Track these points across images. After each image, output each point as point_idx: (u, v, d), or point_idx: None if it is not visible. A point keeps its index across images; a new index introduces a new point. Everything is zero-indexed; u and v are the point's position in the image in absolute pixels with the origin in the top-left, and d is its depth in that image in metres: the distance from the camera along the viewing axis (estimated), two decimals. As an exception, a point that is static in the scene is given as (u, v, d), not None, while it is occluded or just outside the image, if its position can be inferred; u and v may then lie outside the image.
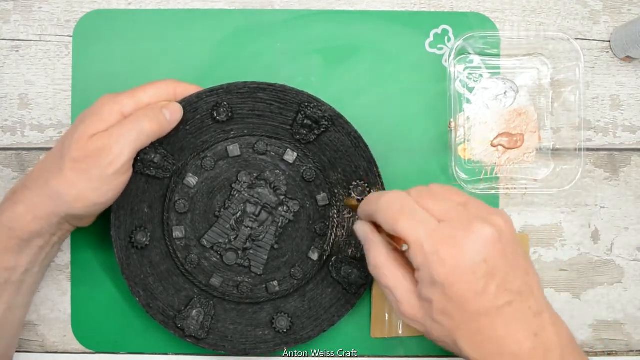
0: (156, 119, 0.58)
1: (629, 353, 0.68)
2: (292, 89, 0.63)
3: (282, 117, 0.64)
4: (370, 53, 0.68)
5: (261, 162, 0.65)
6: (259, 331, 0.64)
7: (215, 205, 0.65)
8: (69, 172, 0.55)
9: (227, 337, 0.64)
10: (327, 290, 0.65)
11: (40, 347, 0.67)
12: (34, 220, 0.56)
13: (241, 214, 0.65)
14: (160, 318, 0.63)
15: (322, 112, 0.63)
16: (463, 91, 0.67)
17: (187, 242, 0.65)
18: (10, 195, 0.58)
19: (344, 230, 0.66)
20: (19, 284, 0.58)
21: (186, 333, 0.63)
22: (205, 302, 0.64)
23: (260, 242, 0.65)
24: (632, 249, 0.69)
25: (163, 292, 0.64)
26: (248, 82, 0.63)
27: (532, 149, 0.67)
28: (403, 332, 0.67)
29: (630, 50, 0.66)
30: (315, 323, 0.64)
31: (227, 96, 0.63)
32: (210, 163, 0.65)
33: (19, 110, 0.67)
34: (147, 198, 0.64)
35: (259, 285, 0.66)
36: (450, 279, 0.48)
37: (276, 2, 0.68)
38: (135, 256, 0.63)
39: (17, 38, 0.67)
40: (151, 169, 0.62)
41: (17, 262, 0.57)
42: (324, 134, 0.64)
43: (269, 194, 0.65)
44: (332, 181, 0.66)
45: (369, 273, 0.61)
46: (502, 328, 0.49)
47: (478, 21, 0.68)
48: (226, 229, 0.65)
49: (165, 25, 0.67)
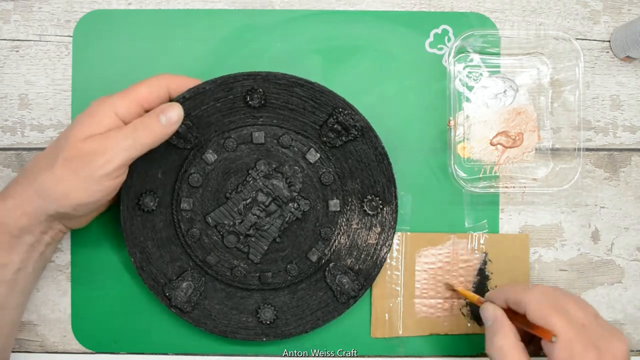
0: (152, 129, 0.57)
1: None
2: (330, 91, 0.63)
3: (314, 116, 0.64)
4: (370, 53, 0.68)
5: (283, 155, 0.65)
6: (242, 317, 0.65)
7: (228, 187, 0.65)
8: (59, 170, 0.55)
9: (211, 316, 0.65)
10: (318, 294, 0.66)
11: (40, 347, 0.67)
12: (23, 215, 0.56)
13: (251, 200, 0.65)
14: (151, 283, 0.64)
15: (355, 120, 0.64)
16: (463, 90, 0.67)
17: (193, 216, 0.65)
18: (2, 191, 0.58)
19: (348, 239, 0.66)
20: (12, 284, 0.58)
21: (172, 303, 0.64)
22: (197, 277, 0.65)
23: (264, 232, 0.65)
24: (632, 249, 0.69)
25: (159, 258, 0.64)
26: (288, 75, 0.63)
27: (532, 148, 0.67)
28: (403, 332, 0.67)
29: (630, 50, 0.66)
30: (298, 322, 0.65)
31: (264, 83, 0.63)
32: (233, 145, 0.65)
33: (19, 110, 0.67)
34: (163, 164, 0.64)
35: (253, 272, 0.66)
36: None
37: (276, 2, 0.68)
38: (139, 218, 0.64)
39: (17, 38, 0.67)
40: (173, 137, 0.62)
41: (9, 259, 0.57)
42: (350, 142, 0.65)
43: (282, 188, 0.65)
44: (348, 189, 0.66)
45: (363, 287, 0.64)
46: None
47: (478, 21, 0.68)
48: (234, 212, 0.65)
49: (165, 25, 0.67)
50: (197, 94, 0.62)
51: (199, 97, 0.62)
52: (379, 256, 0.65)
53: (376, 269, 0.65)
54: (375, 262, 0.65)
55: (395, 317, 0.67)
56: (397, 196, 0.65)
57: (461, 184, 0.65)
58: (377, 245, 0.65)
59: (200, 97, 0.62)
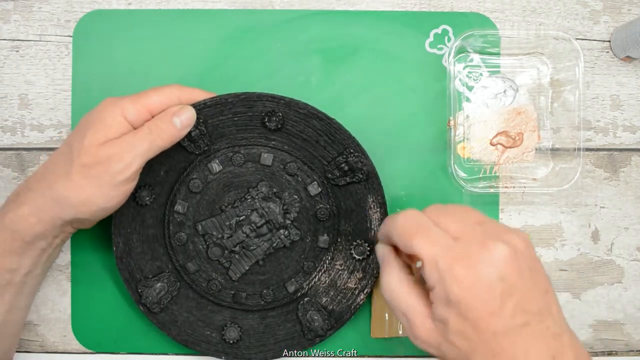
0: (167, 132, 0.58)
1: (629, 353, 0.68)
2: (346, 131, 0.64)
3: (325, 151, 0.65)
4: (370, 53, 0.68)
5: (286, 181, 0.65)
6: (207, 330, 0.65)
7: (225, 200, 0.65)
8: (77, 177, 0.55)
9: (176, 322, 0.65)
10: (287, 325, 0.66)
11: (40, 347, 0.67)
12: (39, 222, 0.56)
13: (244, 218, 0.65)
14: (126, 275, 0.64)
15: (362, 164, 0.64)
16: (463, 90, 0.67)
17: (184, 220, 0.65)
18: (13, 197, 0.58)
19: (328, 277, 0.66)
20: (21, 286, 0.58)
21: (142, 300, 0.64)
22: (172, 281, 0.65)
23: (249, 252, 0.66)
24: (632, 249, 0.69)
25: (140, 253, 0.64)
26: (309, 106, 0.63)
27: (532, 148, 0.67)
28: (403, 332, 0.67)
29: (630, 50, 0.66)
30: (261, 348, 0.65)
31: (285, 108, 0.63)
32: (240, 160, 0.65)
33: (19, 110, 0.67)
34: (168, 163, 0.64)
35: (228, 289, 0.66)
36: (466, 297, 0.47)
37: (276, 2, 0.68)
38: (131, 209, 0.64)
39: (17, 38, 0.67)
40: (185, 139, 0.62)
41: (20, 263, 0.57)
42: (353, 184, 0.65)
43: (278, 213, 0.65)
44: (340, 230, 0.66)
45: (332, 327, 0.64)
46: (519, 350, 0.47)
47: (478, 21, 0.68)
48: (225, 225, 0.65)
49: (165, 25, 0.67)
50: (218, 104, 0.62)
51: (219, 107, 0.62)
52: (355, 301, 0.65)
53: (349, 313, 0.65)
54: (349, 306, 0.65)
55: (395, 317, 0.67)
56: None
57: (461, 184, 0.65)
58: (356, 290, 0.65)
59: (220, 108, 0.62)
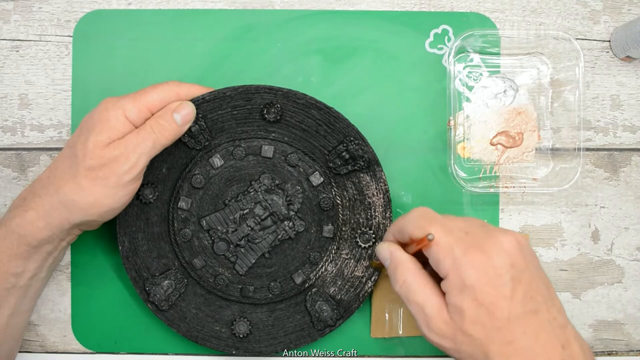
0: (169, 130, 0.58)
1: (629, 353, 0.68)
2: (345, 119, 0.64)
3: (325, 140, 0.65)
4: (370, 53, 0.68)
5: (288, 172, 0.65)
6: (216, 326, 0.65)
7: (228, 194, 0.65)
8: (84, 180, 0.56)
9: (186, 319, 0.64)
10: (296, 317, 0.65)
11: (40, 347, 0.67)
12: (47, 227, 0.56)
13: (248, 212, 0.65)
14: (133, 274, 0.64)
15: (363, 152, 0.64)
16: (463, 90, 0.67)
17: (188, 216, 0.65)
18: (19, 202, 0.58)
19: (335, 267, 0.66)
20: (26, 289, 0.58)
21: (150, 298, 0.64)
22: (179, 278, 0.65)
23: (254, 245, 0.66)
24: (632, 249, 0.68)
25: (146, 251, 0.64)
26: (307, 96, 0.63)
27: (532, 148, 0.67)
28: (403, 332, 0.67)
29: (630, 50, 0.66)
30: (271, 341, 0.65)
31: (284, 100, 0.63)
32: (241, 154, 0.65)
33: (19, 110, 0.67)
34: (169, 160, 0.64)
35: (235, 284, 0.66)
36: (480, 281, 0.49)
37: (276, 2, 0.68)
38: (135, 208, 0.64)
39: (17, 38, 0.67)
40: (185, 135, 0.62)
41: (25, 267, 0.57)
42: (355, 172, 0.65)
43: (281, 205, 0.65)
44: (344, 218, 0.66)
45: (342, 317, 0.64)
46: (531, 337, 0.49)
47: (478, 21, 0.68)
48: (229, 219, 0.65)
49: (165, 25, 0.67)
50: (217, 98, 0.62)
51: (217, 101, 0.62)
52: (363, 290, 0.65)
53: (357, 302, 0.65)
54: (357, 295, 0.65)
55: (395, 317, 0.67)
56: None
57: (461, 184, 0.65)
58: (363, 278, 0.65)
59: (218, 102, 0.63)
